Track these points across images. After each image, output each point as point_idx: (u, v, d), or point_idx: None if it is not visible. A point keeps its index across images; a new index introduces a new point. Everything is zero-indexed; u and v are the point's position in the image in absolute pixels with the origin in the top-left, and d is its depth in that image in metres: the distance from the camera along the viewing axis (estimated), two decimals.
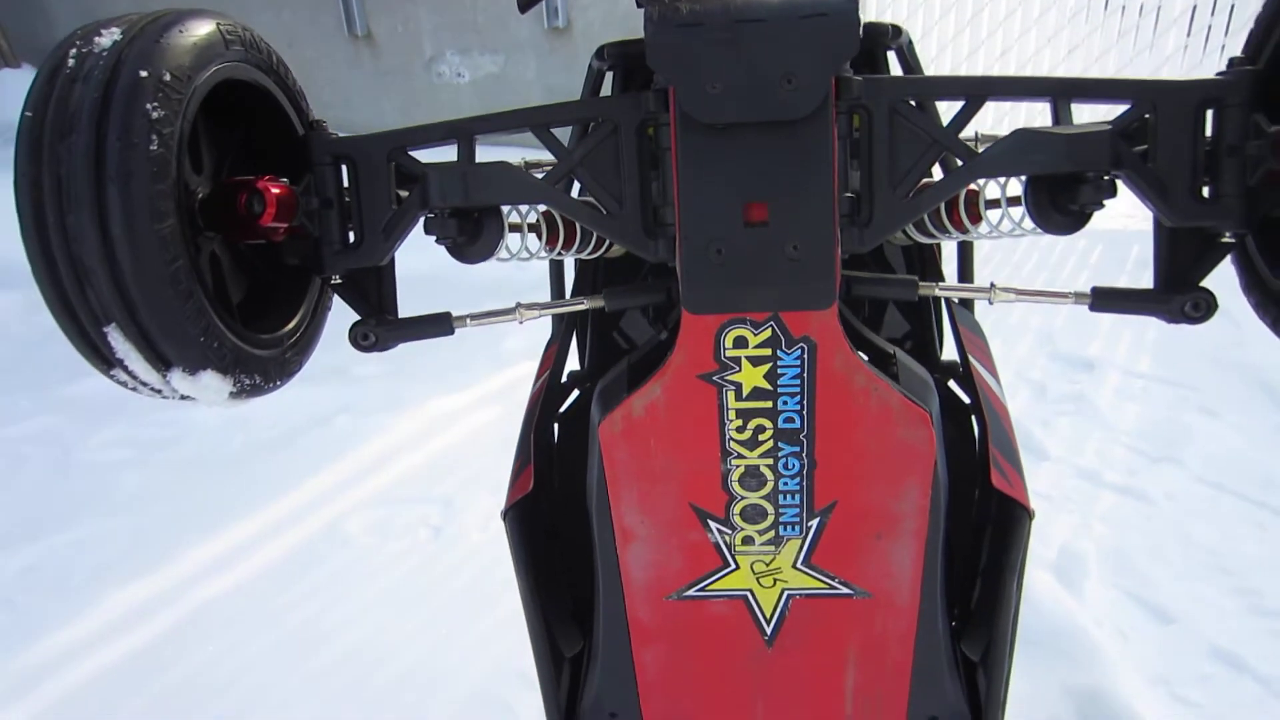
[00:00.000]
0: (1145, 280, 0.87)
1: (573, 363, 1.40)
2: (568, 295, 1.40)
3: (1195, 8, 5.02)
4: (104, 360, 0.79)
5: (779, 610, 1.03)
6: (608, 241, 1.04)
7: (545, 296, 1.29)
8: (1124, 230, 4.72)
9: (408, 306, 0.96)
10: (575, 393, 1.33)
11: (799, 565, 0.99)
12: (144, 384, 0.81)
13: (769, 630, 1.05)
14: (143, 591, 2.66)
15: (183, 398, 0.83)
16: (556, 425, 1.31)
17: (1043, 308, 4.06)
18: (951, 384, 1.31)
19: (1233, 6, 4.88)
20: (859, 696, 1.12)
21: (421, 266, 5.22)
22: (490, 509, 2.99)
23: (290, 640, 2.47)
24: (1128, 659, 2.21)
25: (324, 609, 2.58)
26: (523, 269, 4.73)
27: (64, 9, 6.23)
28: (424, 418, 3.57)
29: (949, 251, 1.46)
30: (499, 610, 2.53)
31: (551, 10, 5.69)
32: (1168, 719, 2.05)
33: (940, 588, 1.05)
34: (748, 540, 0.98)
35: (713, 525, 0.97)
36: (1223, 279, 0.85)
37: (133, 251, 0.72)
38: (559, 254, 1.00)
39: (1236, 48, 0.87)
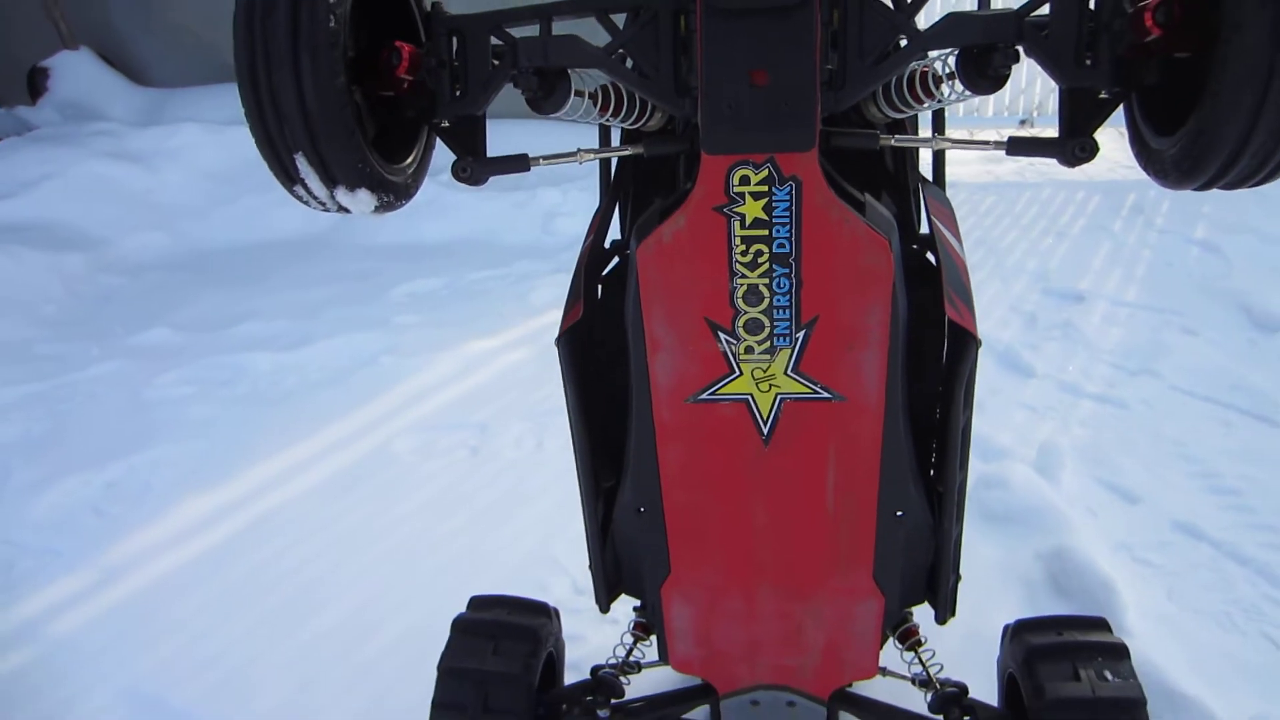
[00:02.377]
0: (1141, 222, 1.13)
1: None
2: (611, 179, 1.66)
3: None
4: (290, 178, 1.10)
5: (774, 412, 1.30)
6: (648, 114, 1.31)
7: (567, 257, 1.56)
8: (1122, 180, 4.94)
9: (455, 266, 1.23)
10: (615, 259, 1.59)
11: (789, 372, 1.25)
12: (315, 197, 1.12)
13: (766, 430, 1.31)
14: (214, 501, 2.97)
15: (340, 209, 1.14)
16: (600, 287, 1.56)
17: (1040, 250, 4.29)
18: (930, 255, 1.57)
19: None
20: (839, 493, 1.37)
21: (462, 232, 5.46)
22: (522, 434, 3.27)
23: (347, 538, 2.77)
24: (1095, 531, 2.47)
25: (375, 514, 2.88)
26: (549, 241, 5.03)
27: None
28: (461, 358, 3.84)
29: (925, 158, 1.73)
30: (533, 510, 2.82)
31: None
32: (1129, 578, 2.30)
33: (901, 399, 1.31)
34: (749, 350, 1.24)
35: (722, 336, 1.23)
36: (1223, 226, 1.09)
37: (318, 100, 1.03)
38: (609, 120, 1.26)
39: None
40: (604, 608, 1.66)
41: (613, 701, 1.67)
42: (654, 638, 1.70)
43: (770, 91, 1.07)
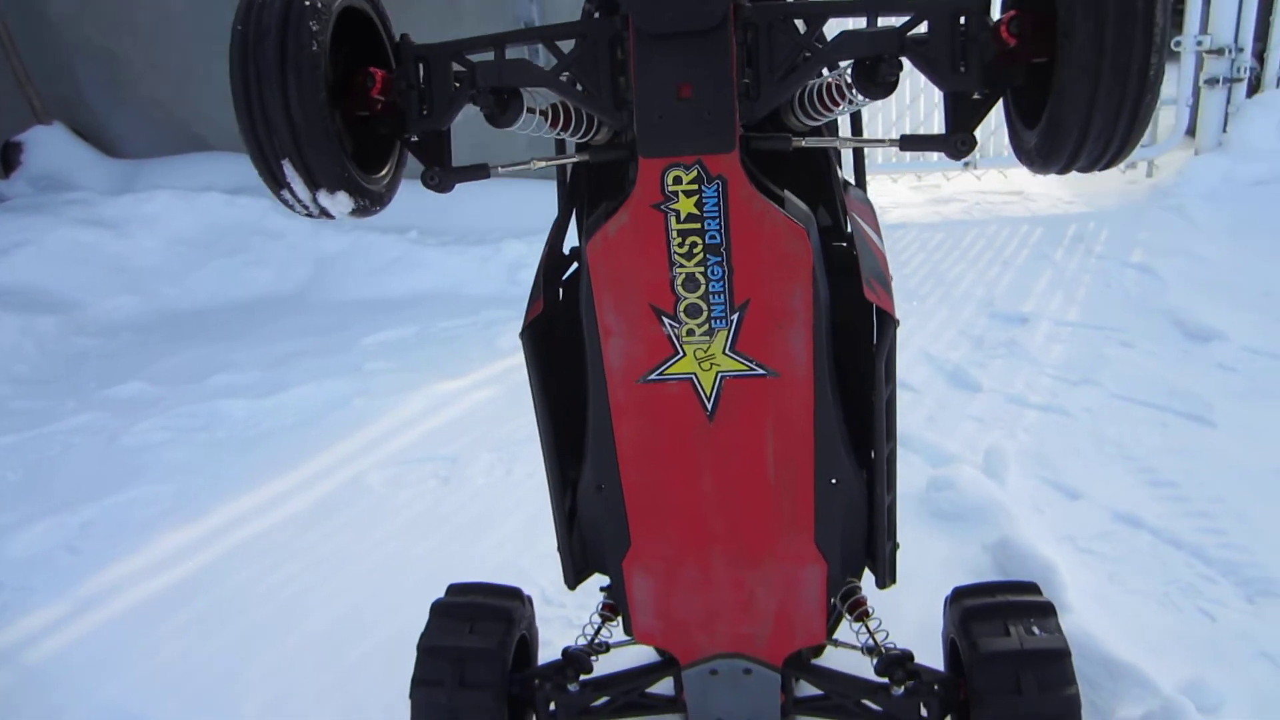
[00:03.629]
0: (1081, 250, 1.27)
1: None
2: (567, 183, 1.77)
3: None
4: (277, 182, 1.24)
5: (715, 389, 1.42)
6: (594, 128, 1.45)
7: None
8: (1064, 214, 5.16)
9: (424, 316, 1.36)
10: (574, 265, 1.71)
11: (727, 351, 1.38)
12: (299, 200, 1.26)
13: (709, 406, 1.43)
14: (190, 535, 3.04)
15: (322, 211, 1.28)
16: (560, 290, 1.69)
17: (986, 278, 4.48)
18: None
19: None
20: (778, 462, 1.49)
21: (430, 285, 5.57)
22: (491, 463, 3.36)
23: (323, 561, 2.84)
24: (1040, 525, 2.59)
25: (351, 539, 2.95)
26: (514, 291, 5.17)
27: (89, 75, 6.75)
28: (430, 397, 3.93)
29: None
30: (503, 530, 2.90)
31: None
32: (1072, 564, 2.41)
33: (829, 374, 1.43)
34: (690, 332, 1.36)
35: (665, 321, 1.36)
36: (1157, 249, 1.24)
37: (303, 114, 1.18)
38: (559, 133, 1.41)
39: None
40: (571, 586, 1.75)
41: (581, 677, 1.75)
42: (620, 619, 1.79)
43: (695, 102, 1.22)
